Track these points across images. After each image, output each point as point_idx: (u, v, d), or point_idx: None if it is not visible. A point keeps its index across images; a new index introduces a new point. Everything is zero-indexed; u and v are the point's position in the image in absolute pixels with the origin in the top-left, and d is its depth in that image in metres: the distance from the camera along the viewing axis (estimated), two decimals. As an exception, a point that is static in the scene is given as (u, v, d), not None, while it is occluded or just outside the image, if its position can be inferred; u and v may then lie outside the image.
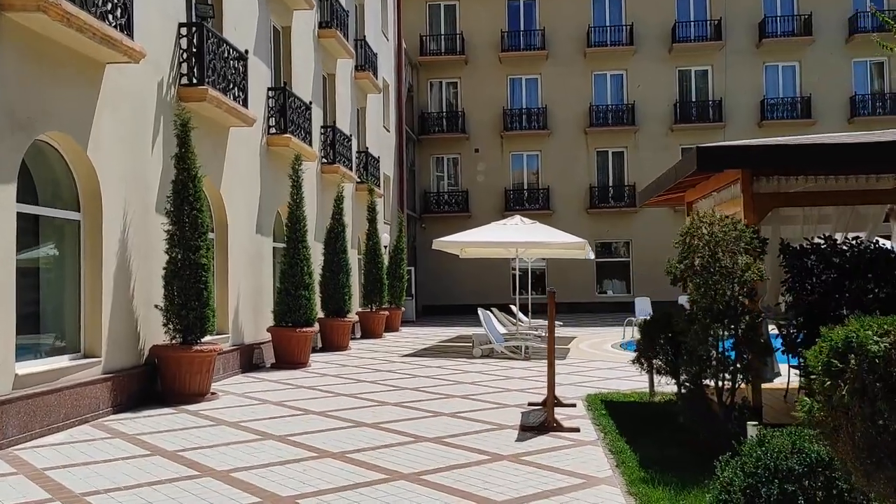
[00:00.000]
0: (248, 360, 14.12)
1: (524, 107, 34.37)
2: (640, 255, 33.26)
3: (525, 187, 34.56)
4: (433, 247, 17.64)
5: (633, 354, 9.35)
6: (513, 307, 22.73)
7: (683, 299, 27.32)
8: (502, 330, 17.97)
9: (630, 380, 12.53)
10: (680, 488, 5.68)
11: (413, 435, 8.11)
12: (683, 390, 6.70)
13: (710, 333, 6.42)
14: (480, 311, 17.12)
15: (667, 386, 10.62)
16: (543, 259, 33.62)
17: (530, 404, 9.97)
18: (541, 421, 8.49)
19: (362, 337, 21.43)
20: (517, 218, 18.53)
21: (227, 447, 7.61)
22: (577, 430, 8.22)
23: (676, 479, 5.90)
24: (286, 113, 15.70)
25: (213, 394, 10.83)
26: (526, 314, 23.59)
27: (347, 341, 18.23)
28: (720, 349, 6.53)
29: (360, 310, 21.89)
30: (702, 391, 6.66)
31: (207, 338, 10.97)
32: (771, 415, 7.71)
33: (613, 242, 33.63)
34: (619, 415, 8.90)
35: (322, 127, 19.57)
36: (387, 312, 22.49)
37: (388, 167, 28.57)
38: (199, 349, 10.48)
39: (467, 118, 34.43)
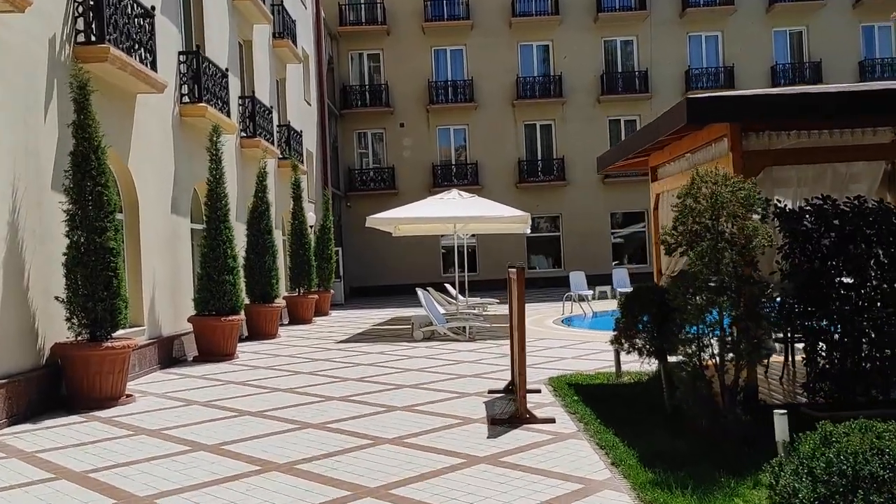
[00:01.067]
0: (168, 354, 12.73)
1: (450, 79, 33.31)
2: (571, 229, 32.88)
3: (453, 162, 33.61)
4: (367, 224, 16.50)
5: (580, 331, 8.54)
6: (448, 286, 21.87)
7: (621, 273, 27.09)
8: (442, 310, 17.03)
9: (587, 359, 11.82)
10: (702, 493, 4.83)
11: (369, 436, 7.06)
12: (683, 373, 5.86)
13: (715, 307, 5.60)
14: (420, 292, 16.11)
15: (632, 364, 9.92)
16: (473, 235, 32.86)
17: (491, 391, 9.06)
18: (511, 412, 7.58)
19: (291, 323, 20.13)
20: (454, 192, 17.58)
21: (150, 463, 6.39)
22: (552, 420, 7.34)
23: (691, 479, 5.06)
24: (201, 80, 14.20)
25: (128, 396, 9.48)
26: (461, 293, 22.77)
27: (276, 328, 16.94)
28: (724, 325, 5.73)
29: (287, 294, 20.55)
30: (702, 373, 5.85)
31: (120, 332, 9.60)
32: (764, 395, 7.01)
33: (543, 217, 33.05)
34: (592, 399, 8.08)
35: (240, 98, 18.06)
36: (316, 296, 21.23)
37: (310, 143, 27.11)
38: (110, 346, 9.10)
39: (391, 91, 33.15)
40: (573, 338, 14.71)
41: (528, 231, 20.59)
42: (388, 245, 31.95)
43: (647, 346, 7.23)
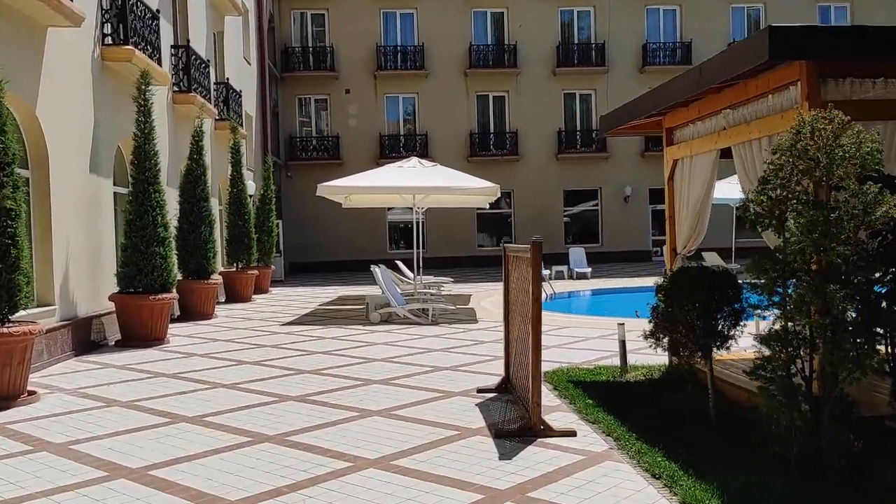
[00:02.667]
0: (85, 337, 10.84)
1: (399, 44, 31.42)
2: (523, 206, 31.59)
3: (401, 133, 31.84)
4: (318, 193, 14.75)
5: (551, 314, 7.13)
6: (400, 263, 20.32)
7: (578, 253, 26.00)
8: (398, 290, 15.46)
9: (572, 348, 10.52)
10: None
11: (346, 455, 5.49)
12: (772, 385, 4.48)
13: (826, 297, 4.22)
14: (377, 269, 14.50)
15: (639, 356, 8.62)
16: (420, 210, 31.24)
17: (481, 390, 7.58)
18: (521, 422, 6.11)
19: (228, 301, 18.25)
20: (414, 160, 15.96)
21: (50, 499, 4.69)
22: (572, 433, 5.91)
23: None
24: (127, 19, 12.17)
25: (30, 394, 7.66)
26: (415, 271, 21.29)
27: (213, 308, 15.10)
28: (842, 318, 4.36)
29: (223, 269, 18.62)
30: (802, 387, 4.48)
31: (21, 313, 7.75)
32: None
33: (494, 192, 31.65)
34: (609, 403, 6.69)
35: (173, 47, 15.97)
36: (256, 272, 19.36)
37: (250, 106, 24.97)
38: (7, 331, 7.27)
39: (336, 55, 31.09)
40: (547, 322, 13.34)
41: (487, 206, 19.15)
42: (331, 219, 30.15)
43: (692, 343, 5.84)
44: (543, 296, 18.56)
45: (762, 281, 4.50)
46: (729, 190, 24.28)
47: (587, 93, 32.00)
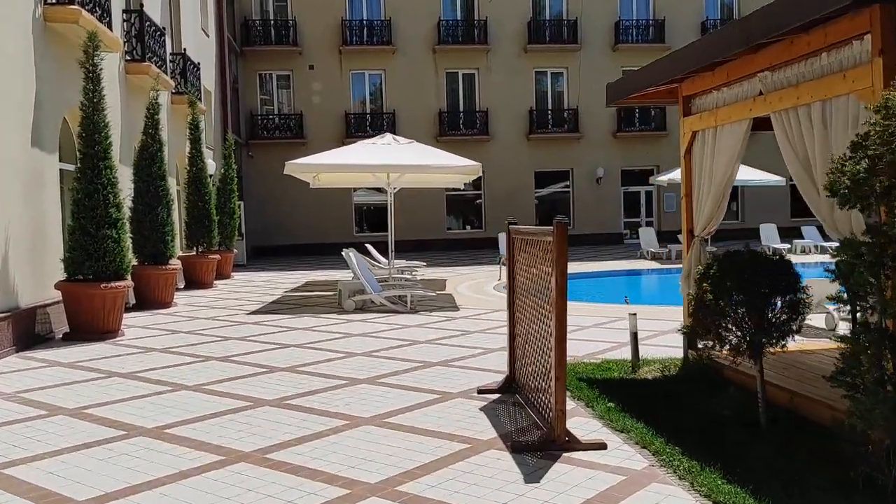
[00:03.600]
0: (28, 331, 9.71)
1: (365, 18, 30.22)
2: (493, 187, 30.73)
3: (368, 111, 30.70)
4: (285, 171, 13.68)
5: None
6: (370, 247, 19.37)
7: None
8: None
9: (569, 338, 9.63)
10: None
11: (340, 478, 4.58)
12: (851, 389, 3.70)
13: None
14: (352, 254, 13.54)
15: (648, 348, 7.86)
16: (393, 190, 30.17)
17: (482, 391, 6.71)
18: (539, 432, 5.26)
19: (188, 287, 17.11)
20: (388, 136, 14.98)
21: (-30, 549, 3.72)
22: (602, 446, 5.08)
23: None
24: (72, -24, 10.94)
25: (-40, 401, 6.59)
26: (385, 255, 20.37)
27: (172, 295, 13.98)
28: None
29: (182, 254, 17.45)
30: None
31: (-52, 308, 6.65)
32: None
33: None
34: (633, 405, 5.88)
35: (125, 12, 14.69)
36: (217, 256, 18.21)
37: (208, 80, 23.63)
38: (-71, 330, 6.17)
39: (299, 29, 29.76)
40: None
41: (462, 186, 18.26)
42: (295, 200, 29.02)
43: (742, 339, 5.04)
44: (501, 280, 17.64)
45: (856, 269, 3.68)
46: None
47: (559, 71, 31.21)
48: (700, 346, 5.57)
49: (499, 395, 6.59)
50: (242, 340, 9.93)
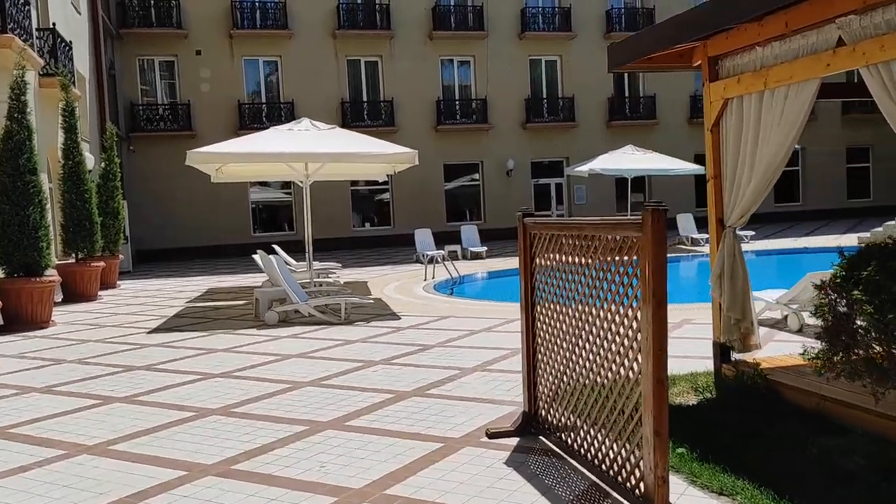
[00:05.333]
0: None
1: (258, 0, 27.86)
2: (400, 180, 29.05)
3: (263, 100, 28.36)
4: (187, 161, 11.58)
5: (482, 304, 4.93)
6: (278, 248, 17.43)
7: (470, 231, 23.93)
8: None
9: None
10: None
11: None
12: None
13: None
14: (269, 257, 11.64)
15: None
16: (288, 189, 28.03)
17: (492, 434, 5.15)
18: (625, 505, 3.76)
19: (67, 300, 14.62)
20: (305, 121, 13.12)
21: None
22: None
23: None
24: None
25: None
26: (294, 257, 18.53)
27: (49, 312, 11.64)
28: None
29: (60, 262, 14.91)
30: None
31: None
32: None
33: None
34: (707, 449, 4.48)
35: (-21, -29, 12.16)
36: (101, 263, 15.73)
37: (82, 65, 20.82)
38: None
39: (184, 10, 27.07)
40: (480, 310, 11.06)
41: (386, 177, 16.60)
42: (184, 199, 26.50)
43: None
44: (450, 280, 16.27)
45: None
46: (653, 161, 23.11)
47: (466, 59, 29.93)
48: (745, 362, 4.21)
49: (517, 440, 5.05)
50: (150, 370, 7.93)
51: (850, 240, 22.25)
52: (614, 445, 3.99)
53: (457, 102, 29.85)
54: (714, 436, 4.79)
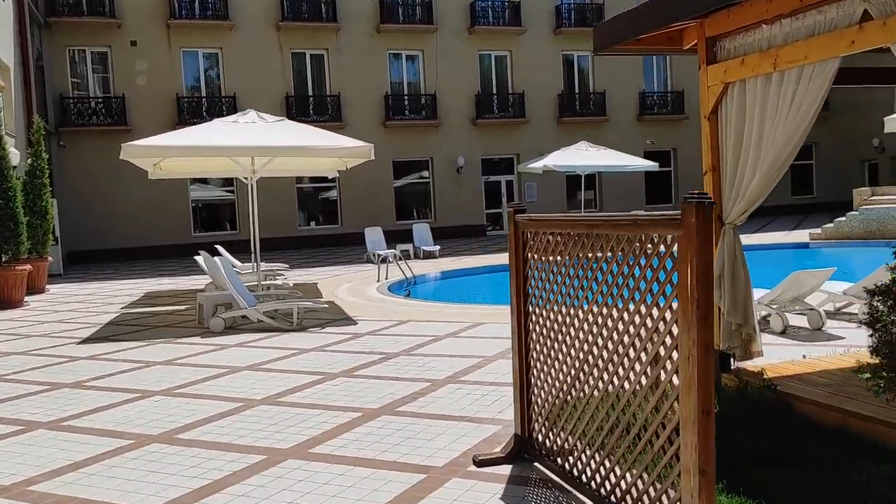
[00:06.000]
0: None
1: (196, -11, 26.65)
2: (348, 177, 28.14)
3: (203, 94, 27.12)
4: (122, 155, 10.60)
5: (451, 306, 4.38)
6: (221, 249, 16.46)
7: (422, 229, 23.22)
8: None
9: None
10: None
11: None
12: None
13: None
14: (214, 259, 10.79)
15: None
16: (230, 187, 26.88)
17: (482, 461, 4.51)
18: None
19: (-11, 308, 13.44)
20: (252, 113, 12.28)
21: None
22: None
23: None
24: None
25: None
26: (233, 257, 17.61)
27: (-34, 323, 10.54)
28: None
29: (-20, 265, 13.71)
30: None
31: None
32: None
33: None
34: (754, 483, 3.93)
35: None
36: (28, 266, 14.54)
37: (5, 54, 19.43)
38: None
39: (118, -1, 25.70)
40: (444, 315, 10.40)
41: (336, 174, 15.82)
42: (117, 197, 25.22)
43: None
44: (405, 281, 15.55)
45: None
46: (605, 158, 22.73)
47: (415, 53, 29.21)
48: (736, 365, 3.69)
49: (510, 468, 4.42)
50: (79, 388, 7.04)
51: (801, 236, 22.36)
52: (639, 482, 3.39)
53: (405, 98, 29.13)
54: (729, 458, 4.24)
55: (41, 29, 24.65)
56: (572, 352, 3.93)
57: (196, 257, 13.19)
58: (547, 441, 4.29)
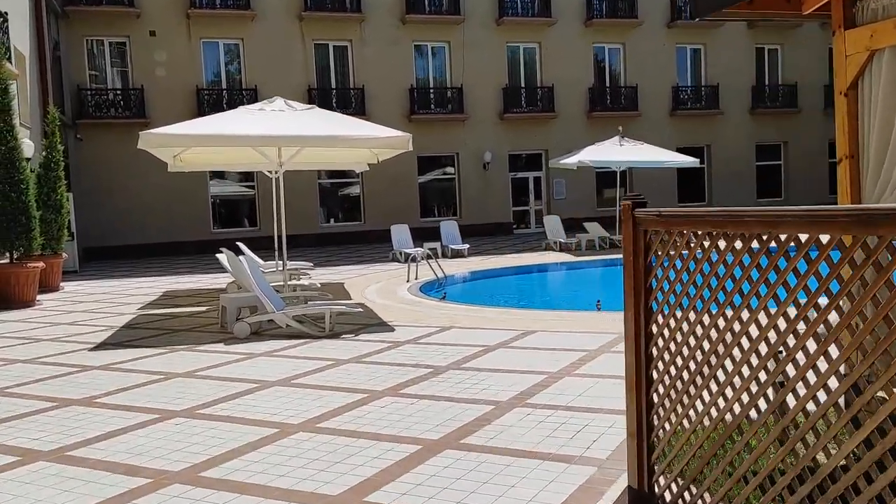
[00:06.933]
0: None
1: (217, -23, 25.85)
2: (371, 174, 27.22)
3: (224, 86, 26.33)
4: (139, 145, 9.71)
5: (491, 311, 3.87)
6: (243, 246, 15.65)
7: (450, 227, 22.27)
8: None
9: (610, 390, 6.67)
10: None
11: None
12: None
13: None
14: (239, 258, 9.92)
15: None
16: (250, 182, 26.08)
17: (588, 520, 3.57)
18: None
19: (-2, 308, 12.68)
20: (279, 100, 11.37)
21: None
22: None
23: None
24: None
25: None
26: (252, 255, 16.78)
27: (-29, 325, 9.73)
28: None
29: (-10, 262, 12.94)
30: None
31: None
32: None
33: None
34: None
35: None
36: (41, 263, 13.75)
37: (20, 42, 18.70)
38: None
39: (136, -13, 24.94)
40: (488, 322, 9.45)
41: (367, 166, 14.90)
42: (135, 191, 24.54)
43: None
44: (436, 281, 14.60)
45: None
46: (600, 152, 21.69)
47: (441, 45, 28.27)
48: None
49: (626, 529, 3.48)
50: (90, 406, 6.17)
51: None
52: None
53: (431, 91, 28.20)
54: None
55: (58, 18, 23.93)
56: (732, 392, 2.98)
57: (218, 255, 12.34)
58: (682, 501, 3.34)
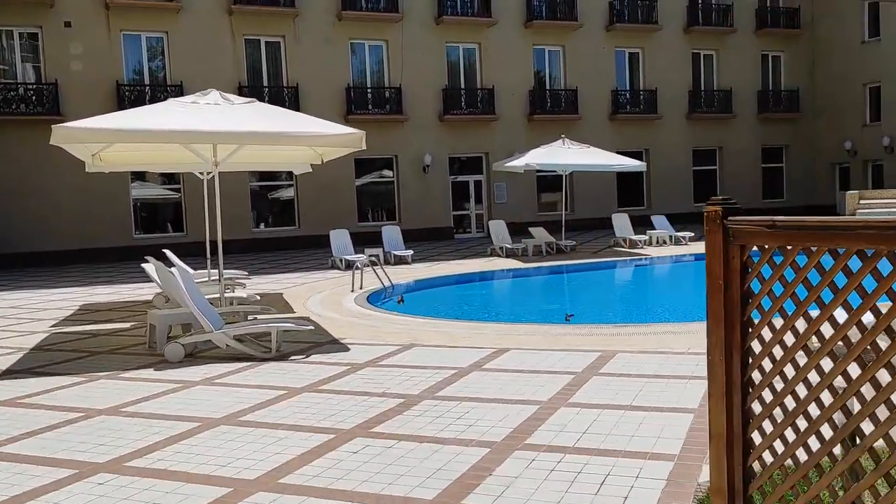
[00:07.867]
0: None
1: (138, -34, 24.19)
2: (306, 176, 26.02)
3: (147, 82, 24.64)
4: (52, 140, 8.39)
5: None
6: (170, 253, 14.32)
7: (393, 232, 21.26)
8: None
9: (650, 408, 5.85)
10: None
11: None
12: None
13: None
14: (171, 270, 8.74)
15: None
16: (175, 184, 24.46)
17: None
18: None
19: None
20: (214, 93, 10.23)
21: None
22: None
23: None
24: None
25: None
26: (175, 262, 15.52)
27: None
28: None
29: None
30: None
31: None
32: None
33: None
34: None
35: None
36: (-64, 275, 12.16)
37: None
38: None
39: (49, -26, 23.09)
40: (452, 338, 8.55)
41: (309, 169, 13.78)
42: (49, 193, 22.71)
43: None
44: (384, 291, 13.61)
45: None
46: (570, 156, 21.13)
47: (378, 44, 27.26)
48: None
49: None
50: (-13, 460, 4.98)
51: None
52: None
53: (369, 90, 27.15)
54: None
55: (-40, 4, 21.91)
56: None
57: (144, 266, 11.08)
58: None
